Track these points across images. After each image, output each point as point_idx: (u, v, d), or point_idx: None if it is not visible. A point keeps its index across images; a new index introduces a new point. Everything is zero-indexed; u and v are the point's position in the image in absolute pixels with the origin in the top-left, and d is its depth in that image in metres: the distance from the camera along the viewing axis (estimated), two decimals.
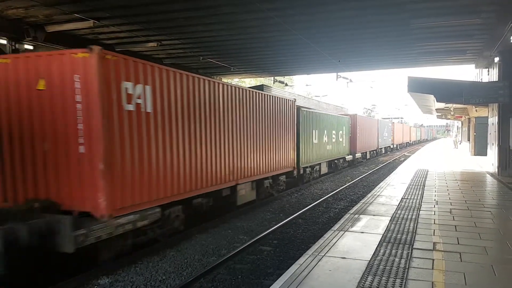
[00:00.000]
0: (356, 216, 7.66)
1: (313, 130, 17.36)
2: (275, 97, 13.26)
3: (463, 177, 14.21)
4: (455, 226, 6.86)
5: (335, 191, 15.30)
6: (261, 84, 25.30)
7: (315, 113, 18.20)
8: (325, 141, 19.22)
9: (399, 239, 6.01)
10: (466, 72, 72.76)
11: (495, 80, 15.18)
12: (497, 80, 14.64)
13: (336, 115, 23.27)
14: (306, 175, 17.13)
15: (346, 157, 23.72)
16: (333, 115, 22.70)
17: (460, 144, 38.93)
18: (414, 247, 5.60)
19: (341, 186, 16.86)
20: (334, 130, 20.83)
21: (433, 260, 5.04)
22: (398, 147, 49.85)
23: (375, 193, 10.52)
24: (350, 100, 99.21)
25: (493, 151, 15.95)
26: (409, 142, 62.68)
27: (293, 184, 15.82)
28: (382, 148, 37.80)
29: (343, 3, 10.23)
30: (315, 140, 17.59)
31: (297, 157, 15.12)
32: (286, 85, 27.36)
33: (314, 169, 18.14)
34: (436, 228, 6.69)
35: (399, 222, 7.13)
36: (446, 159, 24.19)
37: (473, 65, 18.98)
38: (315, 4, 10.16)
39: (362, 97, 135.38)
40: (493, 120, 15.94)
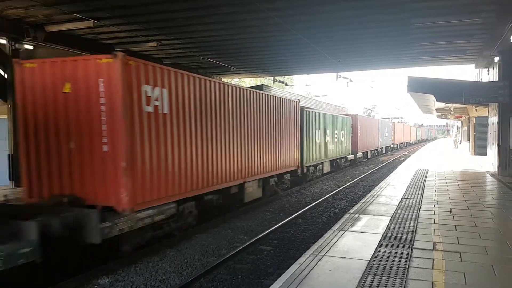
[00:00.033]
0: (356, 216, 7.65)
1: (316, 130, 17.69)
2: (280, 98, 13.57)
3: (463, 177, 14.21)
4: (455, 225, 6.86)
5: (335, 191, 15.30)
6: (261, 84, 25.30)
7: (318, 114, 18.58)
8: (328, 140, 19.57)
9: (399, 238, 6.01)
10: (466, 72, 72.86)
11: (495, 79, 15.19)
12: (497, 79, 14.65)
13: (338, 115, 23.61)
14: (309, 174, 17.44)
15: (347, 157, 24.10)
16: (335, 115, 23.02)
17: (460, 143, 38.94)
18: (414, 246, 5.60)
19: (341, 186, 16.85)
20: (336, 130, 21.16)
21: (433, 259, 5.04)
22: (398, 147, 49.99)
23: (375, 193, 10.52)
24: (350, 100, 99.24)
25: (493, 151, 15.95)
26: (410, 141, 62.87)
27: (297, 182, 16.05)
28: (383, 147, 38.06)
29: (343, 3, 10.23)
30: (318, 140, 17.91)
31: (301, 156, 15.43)
32: (286, 85, 27.35)
33: (317, 168, 18.47)
34: (436, 228, 6.69)
35: (399, 222, 7.13)
36: (446, 158, 24.19)
37: (473, 65, 18.99)
38: (315, 4, 10.15)
39: (362, 97, 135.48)
40: (493, 119, 15.94)
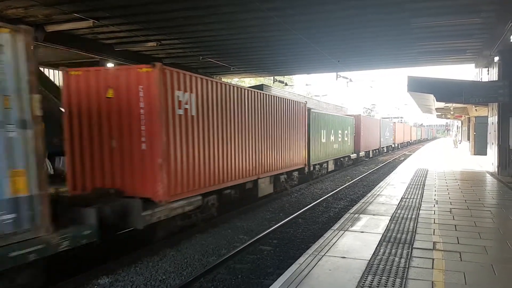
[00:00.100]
0: (356, 215, 7.66)
1: (321, 130, 18.58)
2: (290, 100, 14.49)
3: (463, 177, 14.21)
4: (455, 225, 6.86)
5: (335, 190, 15.30)
6: (260, 84, 25.30)
7: (323, 114, 19.62)
8: (332, 140, 20.43)
9: (399, 238, 6.01)
10: (466, 71, 72.86)
11: (495, 79, 15.18)
12: (497, 79, 14.64)
13: (342, 116, 24.51)
14: (315, 172, 18.23)
15: (351, 156, 24.97)
16: (339, 115, 23.94)
17: (460, 143, 38.93)
18: (414, 246, 5.60)
19: (341, 185, 16.86)
20: (340, 130, 21.97)
21: (433, 259, 5.04)
22: (399, 146, 50.55)
23: (375, 193, 10.52)
24: (350, 99, 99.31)
25: (493, 151, 15.95)
26: (410, 141, 63.35)
27: (304, 180, 16.73)
28: (384, 147, 38.74)
29: (343, 2, 10.22)
30: (323, 139, 18.80)
31: (307, 155, 16.21)
32: (286, 84, 27.33)
33: (322, 166, 19.32)
34: (436, 227, 6.69)
35: (399, 221, 7.13)
36: (446, 158, 24.19)
37: (473, 65, 18.98)
38: (315, 3, 10.15)
39: (362, 96, 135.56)
40: (493, 119, 15.94)
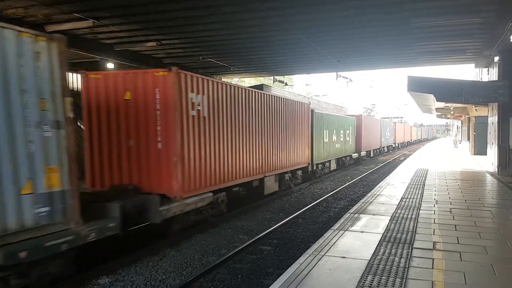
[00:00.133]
0: (356, 215, 7.65)
1: (324, 130, 19.08)
2: (294, 101, 15.03)
3: (463, 177, 14.21)
4: (455, 225, 6.86)
5: (335, 190, 15.30)
6: (260, 83, 25.29)
7: (326, 115, 20.17)
8: (334, 140, 20.95)
9: (399, 238, 6.01)
10: (465, 71, 72.83)
11: (495, 79, 15.17)
12: (497, 79, 14.63)
13: (343, 116, 25.00)
14: (318, 171, 18.76)
15: (352, 155, 25.48)
16: (341, 116, 24.46)
17: (460, 143, 38.93)
18: (414, 246, 5.60)
19: (341, 185, 16.86)
20: (342, 130, 22.42)
21: (433, 259, 5.04)
22: (399, 146, 50.92)
23: (375, 193, 10.51)
24: (349, 99, 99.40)
25: (493, 151, 15.95)
26: (410, 141, 63.65)
27: (307, 178, 17.18)
28: (384, 147, 39.18)
29: (343, 2, 10.22)
30: (325, 139, 19.31)
31: (311, 154, 16.69)
32: (286, 84, 27.31)
33: (325, 166, 19.86)
34: (436, 227, 6.69)
35: (399, 221, 7.13)
36: (446, 158, 24.19)
37: (473, 65, 18.97)
38: (315, 3, 10.14)
39: (361, 96, 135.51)
40: (493, 119, 15.94)
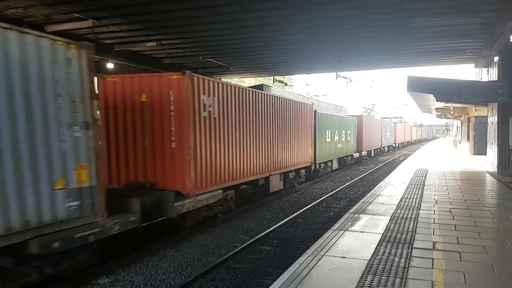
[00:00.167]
0: (355, 215, 7.66)
1: (326, 130, 19.50)
2: (298, 102, 15.53)
3: (462, 177, 14.21)
4: (455, 225, 6.86)
5: (334, 190, 15.30)
6: (260, 83, 25.29)
7: (328, 115, 20.66)
8: (336, 140, 21.38)
9: (398, 238, 6.01)
10: (465, 71, 72.82)
11: (494, 79, 15.18)
12: (497, 79, 14.64)
13: (345, 116, 25.46)
14: (320, 170, 19.18)
15: (353, 155, 25.95)
16: (343, 116, 24.95)
17: (459, 143, 38.94)
18: (413, 246, 5.61)
19: (341, 185, 16.86)
20: (343, 130, 22.79)
21: (433, 259, 5.05)
22: (399, 146, 51.20)
23: (374, 193, 10.52)
24: (349, 99, 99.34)
25: (492, 151, 15.95)
26: (410, 141, 63.87)
27: (310, 177, 17.65)
28: (385, 146, 39.56)
29: (343, 2, 10.22)
30: (328, 139, 19.73)
31: (313, 154, 17.18)
32: (285, 84, 27.31)
33: (327, 165, 20.29)
34: (435, 227, 6.69)
35: (398, 221, 7.13)
36: (445, 158, 24.20)
37: (473, 65, 18.98)
38: (315, 3, 10.14)
39: (361, 96, 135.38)
40: (493, 119, 15.94)
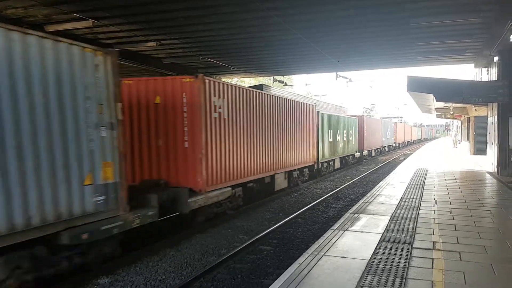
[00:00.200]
0: (355, 215, 7.66)
1: (329, 130, 19.97)
2: (302, 103, 16.06)
3: (462, 177, 14.22)
4: (455, 225, 6.87)
5: (334, 190, 15.30)
6: (260, 83, 25.28)
7: (330, 116, 21.19)
8: (338, 140, 21.86)
9: (398, 238, 6.02)
10: (465, 71, 72.84)
11: (494, 79, 15.18)
12: (497, 79, 14.64)
13: (346, 117, 25.91)
14: (323, 169, 19.62)
15: (355, 154, 26.42)
16: (344, 116, 25.41)
17: (459, 143, 38.94)
18: (413, 246, 5.61)
19: (341, 185, 16.86)
20: (345, 130, 23.22)
21: (433, 259, 5.05)
22: (400, 146, 51.44)
23: (374, 193, 10.52)
24: (349, 99, 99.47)
25: (492, 151, 15.96)
26: (410, 141, 63.97)
27: (313, 176, 18.14)
28: (386, 146, 39.96)
29: (343, 2, 10.21)
30: (330, 139, 20.20)
31: (316, 153, 17.58)
32: (285, 84, 27.30)
33: (329, 164, 20.78)
34: (435, 227, 6.69)
35: (398, 221, 7.14)
36: (445, 158, 24.20)
37: (473, 65, 18.96)
38: (315, 3, 10.14)
39: (361, 96, 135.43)
40: (493, 119, 15.94)
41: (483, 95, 13.74)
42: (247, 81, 37.80)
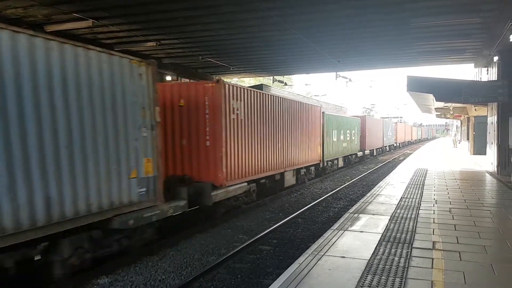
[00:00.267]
0: (355, 215, 7.66)
1: (333, 130, 20.66)
2: (309, 104, 16.89)
3: (462, 176, 14.22)
4: (455, 225, 6.87)
5: (334, 190, 15.30)
6: (260, 83, 25.27)
7: (334, 116, 21.95)
8: (342, 139, 22.58)
9: (398, 238, 6.02)
10: (465, 71, 72.86)
11: (494, 79, 15.19)
12: (496, 79, 14.65)
13: (349, 117, 26.60)
14: (328, 167, 20.39)
15: (357, 154, 27.12)
16: (347, 117, 26.07)
17: (459, 143, 38.95)
18: (413, 246, 5.61)
19: (341, 185, 16.86)
20: (348, 130, 23.87)
21: (433, 259, 5.05)
22: (400, 146, 51.97)
23: (374, 192, 10.52)
24: (349, 99, 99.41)
25: (492, 150, 15.96)
26: (411, 141, 64.35)
27: (318, 174, 18.84)
28: (387, 146, 40.80)
29: (343, 2, 10.21)
30: (334, 138, 20.90)
31: (322, 152, 18.32)
32: (285, 84, 27.29)
33: (333, 163, 21.48)
34: (435, 227, 6.69)
35: (398, 221, 7.14)
36: (445, 158, 24.21)
37: (472, 64, 18.98)
38: (315, 3, 10.13)
39: (361, 96, 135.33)
40: (492, 119, 15.95)
41: (483, 95, 13.74)
42: (247, 81, 37.80)
